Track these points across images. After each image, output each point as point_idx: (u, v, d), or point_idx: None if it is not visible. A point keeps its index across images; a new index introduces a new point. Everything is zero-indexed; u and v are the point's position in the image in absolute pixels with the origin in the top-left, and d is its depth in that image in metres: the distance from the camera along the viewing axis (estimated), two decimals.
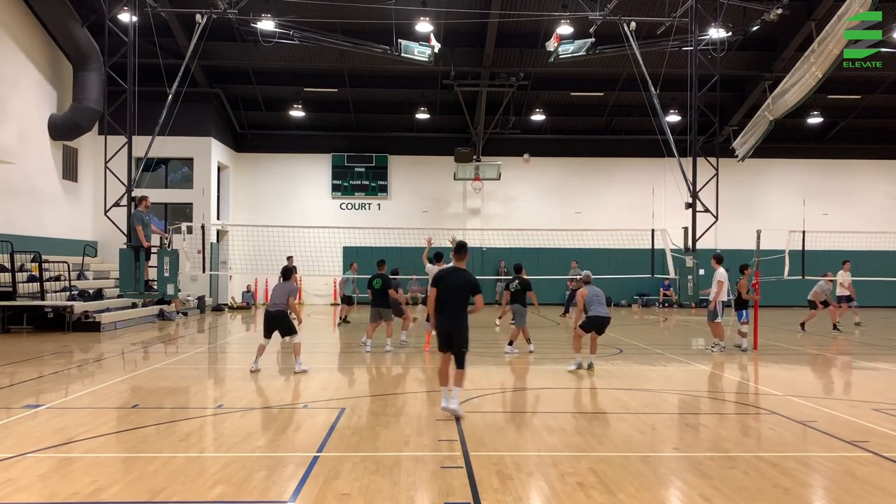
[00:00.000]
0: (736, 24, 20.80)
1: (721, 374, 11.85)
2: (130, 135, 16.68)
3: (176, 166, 26.97)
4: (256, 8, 20.67)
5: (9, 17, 20.10)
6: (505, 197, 30.30)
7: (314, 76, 27.01)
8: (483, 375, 11.38)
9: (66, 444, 6.91)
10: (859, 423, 8.06)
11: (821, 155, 30.68)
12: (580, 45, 20.88)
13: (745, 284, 14.73)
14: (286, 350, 12.30)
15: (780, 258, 19.55)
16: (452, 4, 22.06)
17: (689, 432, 7.76)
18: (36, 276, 18.17)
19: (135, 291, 15.81)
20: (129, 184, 16.58)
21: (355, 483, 5.75)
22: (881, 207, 30.28)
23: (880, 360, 13.72)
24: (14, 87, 20.25)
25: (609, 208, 29.63)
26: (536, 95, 28.16)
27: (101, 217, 17.71)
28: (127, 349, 14.98)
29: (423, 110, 27.87)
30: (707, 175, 17.85)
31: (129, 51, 16.79)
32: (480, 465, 6.27)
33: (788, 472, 6.18)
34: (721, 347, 14.48)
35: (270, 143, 29.80)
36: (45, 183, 21.91)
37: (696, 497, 5.51)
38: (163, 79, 17.52)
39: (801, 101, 16.70)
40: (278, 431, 7.59)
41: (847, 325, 19.92)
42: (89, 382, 10.68)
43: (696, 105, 17.75)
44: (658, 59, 21.20)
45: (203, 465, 6.27)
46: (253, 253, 23.02)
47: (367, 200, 30.11)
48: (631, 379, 11.09)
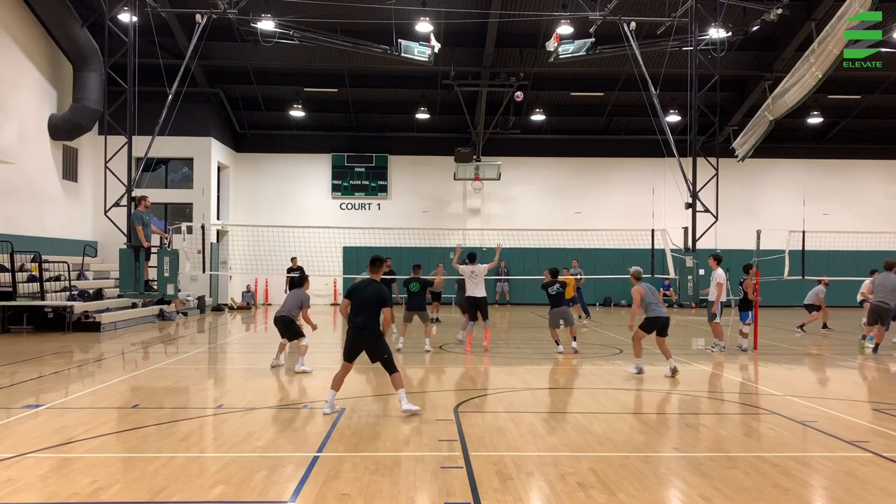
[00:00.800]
0: (736, 24, 20.80)
1: (721, 374, 11.85)
2: (130, 135, 16.69)
3: (176, 166, 26.97)
4: (256, 8, 20.67)
5: (9, 17, 20.10)
6: (505, 197, 30.31)
7: (314, 76, 27.01)
8: (483, 375, 11.38)
9: (67, 444, 6.90)
10: (859, 423, 8.06)
11: (821, 155, 30.67)
12: (580, 45, 20.89)
13: (751, 284, 14.69)
14: (292, 350, 12.36)
15: (780, 258, 19.53)
16: (452, 4, 22.06)
17: (689, 432, 7.76)
18: (36, 276, 18.16)
19: (135, 291, 15.82)
20: (129, 184, 16.59)
21: (355, 483, 5.75)
22: (881, 207, 30.27)
23: (880, 360, 13.71)
24: (14, 87, 20.25)
25: (609, 208, 29.62)
26: (536, 95, 28.16)
27: (101, 217, 17.72)
28: (127, 349, 14.98)
29: (423, 110, 27.86)
30: (707, 175, 17.85)
31: (129, 51, 16.80)
32: (480, 465, 6.27)
33: (788, 472, 6.18)
34: (721, 347, 14.48)
35: (270, 143, 29.80)
36: (45, 183, 21.90)
37: (696, 497, 5.50)
38: (163, 79, 17.52)
39: (801, 101, 16.70)
40: (278, 431, 7.59)
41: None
42: (89, 382, 10.68)
43: (696, 105, 17.76)
44: (658, 59, 21.20)
45: (203, 465, 6.27)
46: (253, 253, 23.01)
47: (367, 200, 30.11)
48: (631, 379, 11.09)
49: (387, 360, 8.28)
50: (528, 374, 11.84)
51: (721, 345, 14.51)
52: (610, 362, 12.90)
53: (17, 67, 20.46)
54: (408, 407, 8.20)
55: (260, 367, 12.12)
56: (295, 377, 10.95)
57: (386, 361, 8.29)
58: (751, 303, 14.80)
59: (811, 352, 15.20)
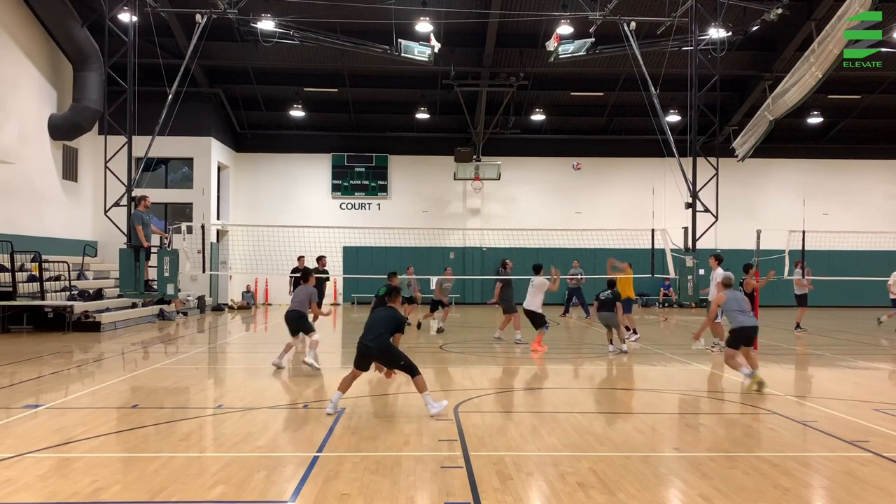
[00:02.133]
0: (736, 23, 20.79)
1: (721, 374, 11.84)
2: (130, 135, 16.68)
3: (176, 166, 26.96)
4: (256, 8, 20.67)
5: (9, 17, 20.09)
6: (505, 197, 30.30)
7: (314, 76, 27.01)
8: (483, 375, 11.38)
9: (66, 444, 6.90)
10: (859, 423, 8.05)
11: (821, 155, 30.67)
12: (580, 45, 20.88)
13: (751, 283, 14.69)
14: (299, 352, 12.40)
15: (780, 258, 19.53)
16: (452, 4, 22.06)
17: (689, 432, 7.76)
18: (36, 276, 18.16)
19: (135, 291, 15.81)
20: (129, 184, 16.58)
21: (355, 483, 5.75)
22: (881, 207, 30.28)
23: (880, 360, 13.72)
24: (14, 87, 20.25)
25: (609, 208, 29.62)
26: (536, 95, 28.16)
27: (101, 217, 17.70)
28: (127, 349, 14.98)
29: (423, 110, 27.86)
30: (707, 175, 17.84)
31: (129, 51, 16.79)
32: (480, 465, 6.27)
33: (788, 472, 6.18)
34: (721, 347, 14.46)
35: (270, 143, 29.79)
36: (45, 183, 21.90)
37: (696, 497, 5.50)
38: (163, 79, 17.50)
39: (801, 101, 16.69)
40: (278, 431, 7.59)
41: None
42: (89, 382, 10.68)
43: (696, 105, 17.75)
44: (658, 59, 21.19)
45: (203, 465, 6.27)
46: (253, 253, 22.98)
47: (367, 200, 30.11)
48: (631, 379, 11.09)
49: (404, 366, 8.27)
50: (528, 374, 11.85)
51: (721, 344, 14.49)
52: (610, 362, 12.89)
53: (17, 67, 20.45)
54: (436, 411, 8.11)
55: (260, 367, 12.11)
56: (295, 377, 10.94)
57: (404, 367, 8.28)
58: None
59: (812, 352, 15.21)
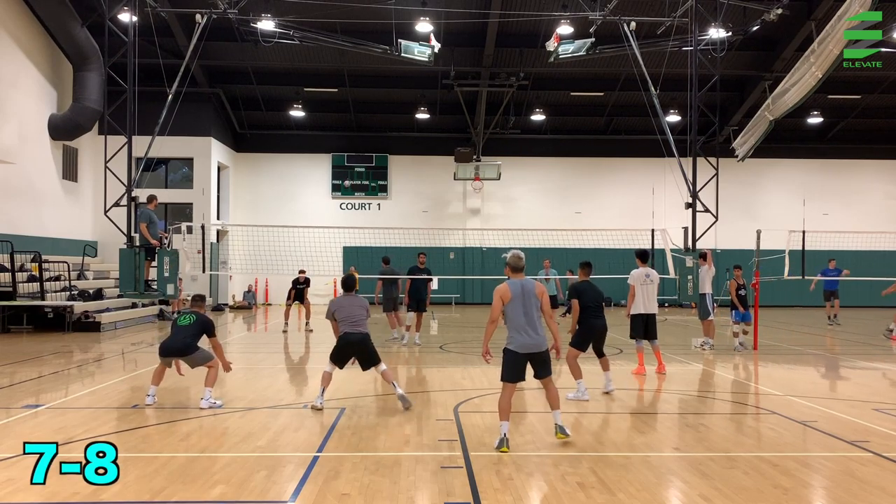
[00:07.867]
0: (736, 24, 20.79)
1: (721, 374, 11.84)
2: (130, 135, 16.65)
3: (176, 166, 26.97)
4: (256, 8, 20.66)
5: (9, 17, 20.10)
6: (505, 197, 30.30)
7: (314, 76, 27.01)
8: (483, 375, 11.37)
9: (66, 444, 6.90)
10: (859, 423, 8.05)
11: (821, 155, 30.68)
12: (580, 45, 20.86)
13: (735, 284, 14.75)
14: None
15: (780, 258, 19.52)
16: (452, 4, 22.06)
17: (689, 432, 7.76)
18: (36, 276, 18.16)
19: (135, 292, 15.78)
20: (129, 184, 16.56)
21: (355, 483, 5.75)
22: (881, 207, 30.28)
23: (880, 360, 13.72)
24: (14, 87, 20.25)
25: (609, 208, 29.62)
26: (536, 95, 28.15)
27: (101, 217, 17.67)
28: (127, 349, 14.98)
29: (423, 110, 27.86)
30: (707, 175, 17.82)
31: (129, 51, 16.76)
32: (480, 465, 6.27)
33: (788, 472, 6.17)
34: (710, 346, 14.49)
35: (270, 143, 29.79)
36: (45, 183, 21.90)
37: (696, 497, 5.50)
38: (163, 79, 17.48)
39: (801, 102, 16.68)
40: (278, 431, 7.59)
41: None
42: (89, 382, 10.68)
43: (696, 105, 17.72)
44: (658, 59, 21.16)
45: (203, 465, 6.27)
46: (253, 253, 23.00)
47: (367, 200, 30.11)
48: (631, 379, 11.08)
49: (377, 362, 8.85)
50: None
51: (710, 342, 14.53)
52: (609, 362, 12.84)
53: (17, 67, 20.45)
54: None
55: (260, 367, 12.11)
56: (294, 377, 10.92)
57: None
58: (741, 302, 14.79)
59: (812, 352, 15.20)
